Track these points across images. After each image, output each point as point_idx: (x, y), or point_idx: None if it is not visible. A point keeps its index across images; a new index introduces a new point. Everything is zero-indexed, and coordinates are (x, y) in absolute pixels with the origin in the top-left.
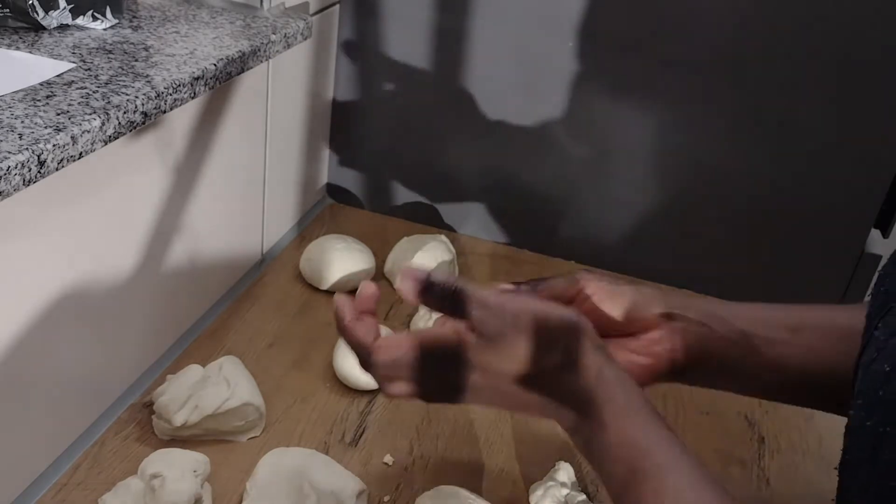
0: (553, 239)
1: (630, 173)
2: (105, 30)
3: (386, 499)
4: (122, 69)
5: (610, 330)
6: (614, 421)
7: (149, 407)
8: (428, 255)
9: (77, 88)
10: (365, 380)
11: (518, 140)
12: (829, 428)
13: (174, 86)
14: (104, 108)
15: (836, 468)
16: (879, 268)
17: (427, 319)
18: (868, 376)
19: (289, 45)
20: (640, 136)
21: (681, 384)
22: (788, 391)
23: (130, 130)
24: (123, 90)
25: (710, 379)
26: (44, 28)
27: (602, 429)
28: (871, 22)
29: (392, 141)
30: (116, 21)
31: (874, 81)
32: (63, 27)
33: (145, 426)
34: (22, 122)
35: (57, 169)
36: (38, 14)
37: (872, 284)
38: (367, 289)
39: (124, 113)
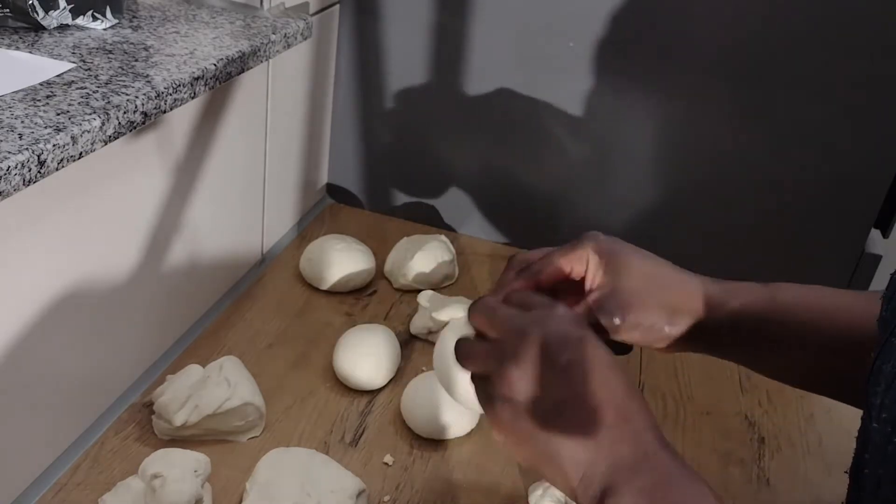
0: (553, 238)
1: (630, 172)
2: (105, 30)
3: (386, 499)
4: (122, 69)
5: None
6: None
7: (149, 407)
8: (428, 255)
9: (77, 88)
10: (365, 380)
11: (518, 140)
12: (830, 428)
13: (174, 86)
14: (104, 108)
15: (846, 472)
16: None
17: (427, 318)
18: (892, 391)
19: (289, 45)
20: (640, 136)
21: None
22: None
23: (130, 130)
24: (123, 90)
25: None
26: (44, 28)
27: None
28: (872, 21)
29: (392, 141)
30: (116, 21)
31: (874, 81)
32: (63, 27)
33: (145, 426)
34: (22, 122)
35: (57, 169)
36: (38, 14)
37: (885, 287)
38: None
39: (124, 113)
